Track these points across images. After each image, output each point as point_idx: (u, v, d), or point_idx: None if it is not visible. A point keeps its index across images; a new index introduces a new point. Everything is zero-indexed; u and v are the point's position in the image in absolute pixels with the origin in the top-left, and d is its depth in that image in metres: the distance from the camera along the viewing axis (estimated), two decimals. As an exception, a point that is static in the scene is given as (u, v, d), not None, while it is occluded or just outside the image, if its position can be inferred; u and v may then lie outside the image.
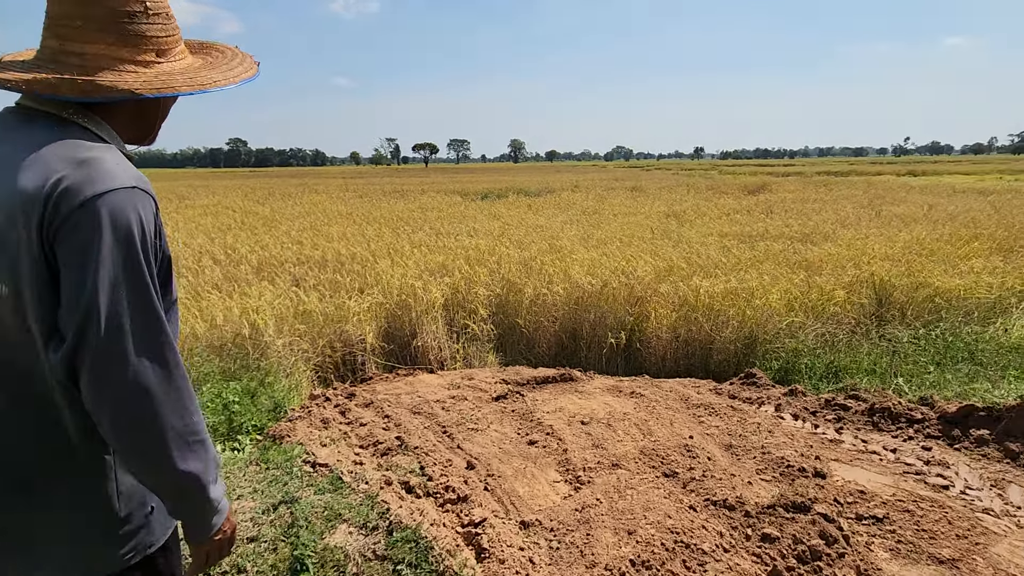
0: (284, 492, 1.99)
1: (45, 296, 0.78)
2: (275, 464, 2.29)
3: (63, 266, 0.77)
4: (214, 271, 7.37)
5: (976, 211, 12.16)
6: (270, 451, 2.55)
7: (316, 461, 2.36)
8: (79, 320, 0.76)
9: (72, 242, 0.76)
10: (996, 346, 4.90)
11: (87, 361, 0.77)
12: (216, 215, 13.01)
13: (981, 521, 2.43)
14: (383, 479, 2.34)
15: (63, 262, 0.77)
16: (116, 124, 0.89)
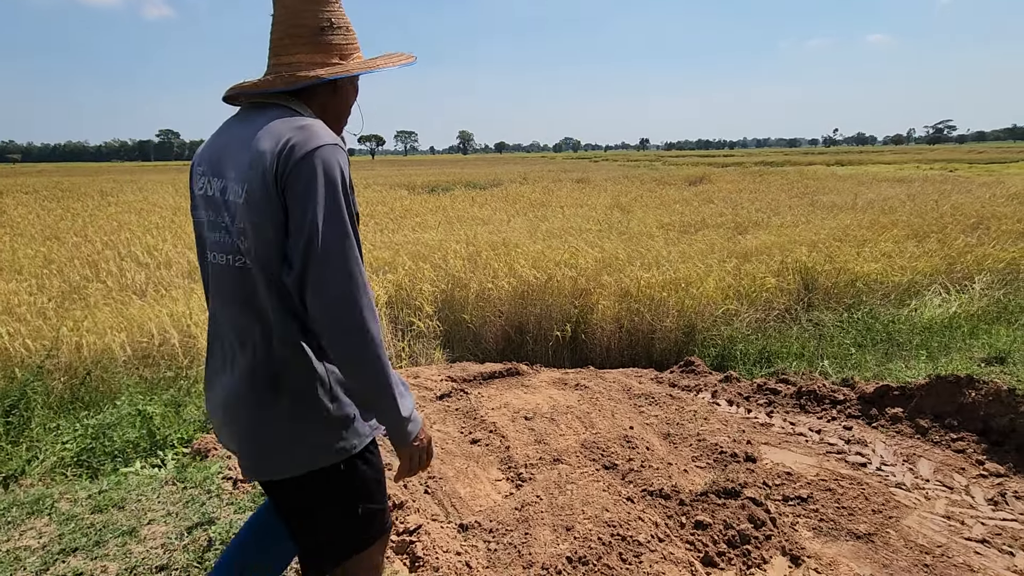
0: (201, 513, 1.87)
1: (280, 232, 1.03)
2: (193, 482, 2.15)
3: (290, 204, 1.01)
4: (137, 274, 6.92)
5: (894, 199, 13.00)
6: (189, 468, 2.40)
7: (238, 477, 2.24)
8: (304, 245, 1.00)
9: (296, 186, 1.00)
10: (910, 326, 5.26)
11: (308, 278, 1.00)
12: (141, 213, 12.23)
13: (894, 495, 2.58)
14: None
15: (290, 202, 1.01)
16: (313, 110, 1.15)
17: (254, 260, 1.05)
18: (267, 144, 1.03)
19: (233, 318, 1.11)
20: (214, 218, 1.10)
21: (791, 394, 3.81)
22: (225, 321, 1.13)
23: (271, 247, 1.04)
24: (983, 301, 5.77)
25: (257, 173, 1.02)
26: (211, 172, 1.12)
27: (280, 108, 1.11)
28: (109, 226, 10.36)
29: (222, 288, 1.12)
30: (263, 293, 1.06)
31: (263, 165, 1.02)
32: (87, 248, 8.29)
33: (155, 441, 3.20)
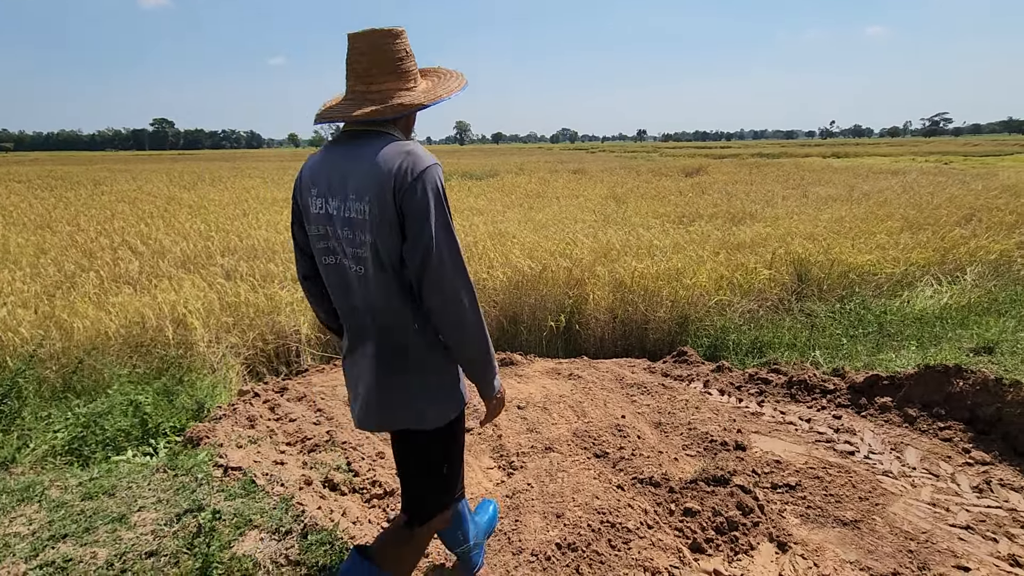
0: (191, 500, 1.87)
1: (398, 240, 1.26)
2: (184, 470, 2.15)
3: (407, 217, 1.24)
4: (131, 263, 6.88)
5: (889, 191, 13.02)
6: (180, 456, 2.40)
7: (229, 465, 2.24)
8: (421, 252, 1.24)
9: (411, 202, 1.23)
10: (901, 317, 5.29)
11: (426, 278, 1.26)
12: (135, 202, 12.14)
13: (881, 483, 2.61)
14: (303, 479, 2.25)
15: (407, 214, 1.24)
16: (399, 128, 1.37)
17: (373, 264, 1.30)
18: (384, 168, 1.25)
19: (357, 313, 1.38)
20: (333, 231, 1.33)
21: (782, 384, 3.83)
22: (351, 315, 1.39)
23: (390, 254, 1.28)
24: (975, 292, 5.80)
25: (379, 193, 1.24)
26: (328, 193, 1.32)
27: (383, 135, 1.33)
28: (102, 215, 10.28)
29: (345, 288, 1.37)
30: (380, 291, 1.31)
31: (384, 186, 1.24)
32: (81, 237, 8.24)
33: (147, 430, 3.20)
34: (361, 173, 1.26)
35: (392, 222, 1.25)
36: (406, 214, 1.24)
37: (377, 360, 1.36)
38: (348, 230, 1.30)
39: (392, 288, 1.31)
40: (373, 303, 1.33)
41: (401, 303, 1.33)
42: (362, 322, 1.37)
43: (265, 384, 4.69)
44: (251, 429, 3.28)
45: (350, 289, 1.36)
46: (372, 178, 1.24)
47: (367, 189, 1.25)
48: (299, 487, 2.18)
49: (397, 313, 1.33)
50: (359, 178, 1.26)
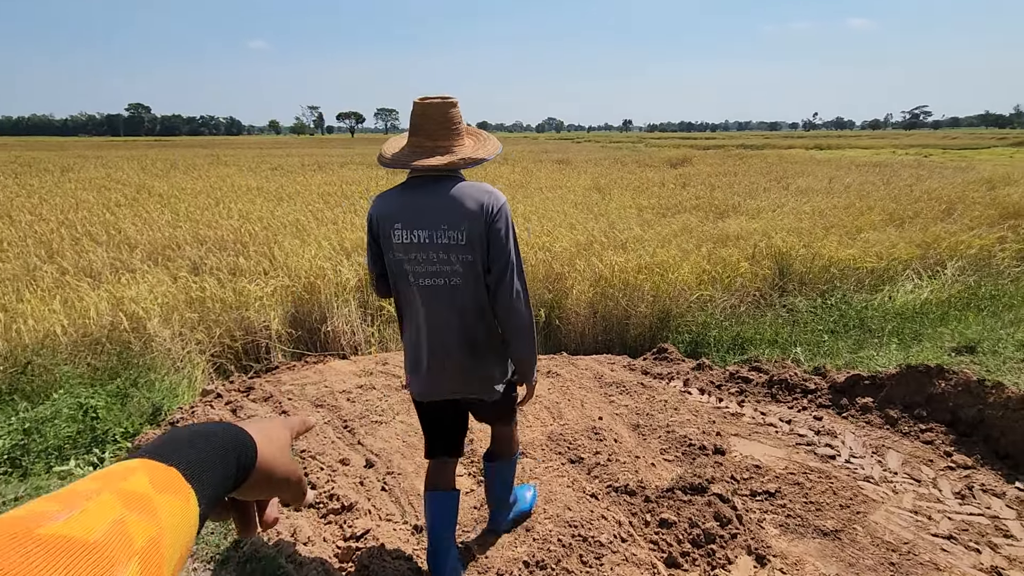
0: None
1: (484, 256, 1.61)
2: (118, 489, 1.98)
3: (492, 240, 1.60)
4: (96, 253, 6.59)
5: (869, 184, 13.07)
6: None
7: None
8: (501, 267, 1.61)
9: (495, 229, 1.59)
10: (883, 312, 5.25)
11: (501, 287, 1.62)
12: (102, 190, 11.70)
13: (862, 489, 2.53)
14: None
15: (492, 239, 1.60)
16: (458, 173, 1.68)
17: (462, 277, 1.63)
18: (473, 204, 1.58)
19: (444, 316, 1.67)
20: (423, 256, 1.61)
21: (763, 383, 3.75)
22: (432, 320, 1.68)
23: (477, 267, 1.62)
24: (955, 287, 5.79)
25: (473, 223, 1.57)
26: (411, 226, 1.60)
27: (452, 177, 1.64)
28: (66, 204, 9.87)
29: (433, 301, 1.67)
30: (467, 301, 1.66)
31: (476, 218, 1.57)
32: (41, 227, 7.88)
33: (96, 436, 3.01)
34: (450, 208, 1.59)
35: (482, 244, 1.61)
36: (491, 239, 1.61)
37: (463, 352, 1.71)
38: (441, 252, 1.61)
39: (479, 293, 1.67)
40: (463, 304, 1.67)
41: (483, 305, 1.70)
42: (443, 327, 1.69)
43: (231, 383, 4.49)
44: (208, 435, 3.10)
45: (429, 302, 1.67)
46: (463, 211, 1.58)
47: (462, 219, 1.58)
48: (245, 506, 2.03)
49: (479, 318, 1.70)
50: (449, 212, 1.59)
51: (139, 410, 3.48)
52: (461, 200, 1.58)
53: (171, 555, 0.35)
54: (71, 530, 0.30)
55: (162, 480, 0.39)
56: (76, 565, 0.29)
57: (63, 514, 0.31)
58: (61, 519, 0.31)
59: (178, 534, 0.37)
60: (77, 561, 0.29)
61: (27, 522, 0.30)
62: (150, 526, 0.34)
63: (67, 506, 0.32)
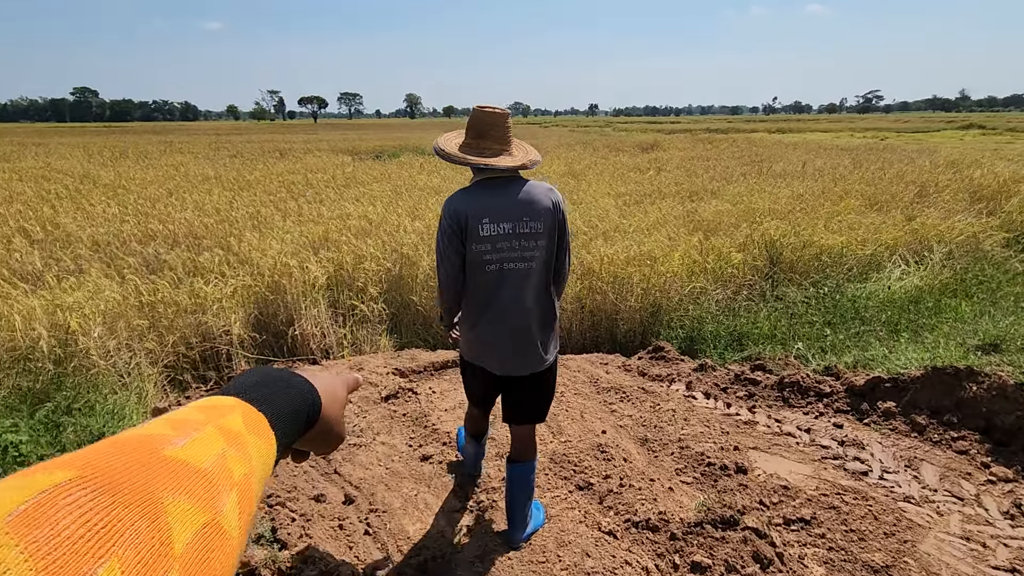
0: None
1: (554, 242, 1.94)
2: None
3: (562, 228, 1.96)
4: (29, 254, 5.91)
5: (841, 167, 13.12)
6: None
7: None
8: (566, 246, 2.00)
9: (563, 219, 1.95)
10: (877, 302, 5.10)
11: (566, 261, 2.02)
12: (40, 181, 10.74)
13: (905, 512, 2.29)
14: None
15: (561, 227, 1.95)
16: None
17: (538, 260, 1.91)
18: (547, 201, 1.90)
19: (520, 300, 1.92)
20: (507, 247, 1.87)
21: (772, 385, 3.51)
22: (511, 302, 1.92)
23: (549, 252, 1.94)
24: (944, 273, 5.70)
25: (549, 215, 1.90)
26: (496, 219, 1.85)
27: (519, 178, 1.93)
28: (0, 195, 8.98)
29: (513, 282, 1.90)
30: (537, 280, 1.93)
31: (551, 212, 1.91)
32: (-33, 223, 7.08)
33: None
34: (529, 204, 1.88)
35: (553, 232, 1.94)
36: (561, 228, 1.97)
37: (539, 327, 1.98)
38: (525, 242, 1.88)
39: (546, 274, 1.97)
40: (539, 288, 1.95)
41: (548, 287, 2.00)
42: (522, 307, 1.93)
43: (187, 398, 4.02)
44: (157, 471, 2.67)
45: (512, 286, 1.91)
46: (541, 207, 1.88)
47: (540, 213, 1.88)
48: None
49: (547, 294, 1.99)
50: (529, 207, 1.87)
51: (75, 440, 3.00)
52: (538, 198, 1.90)
53: (257, 491, 0.39)
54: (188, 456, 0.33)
55: (253, 423, 0.42)
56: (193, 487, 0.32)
57: (180, 440, 0.34)
58: (179, 444, 0.34)
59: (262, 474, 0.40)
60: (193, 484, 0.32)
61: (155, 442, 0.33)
62: (244, 463, 0.37)
63: (182, 433, 0.35)
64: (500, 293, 1.90)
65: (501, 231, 1.85)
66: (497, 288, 1.90)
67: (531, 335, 1.95)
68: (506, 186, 1.89)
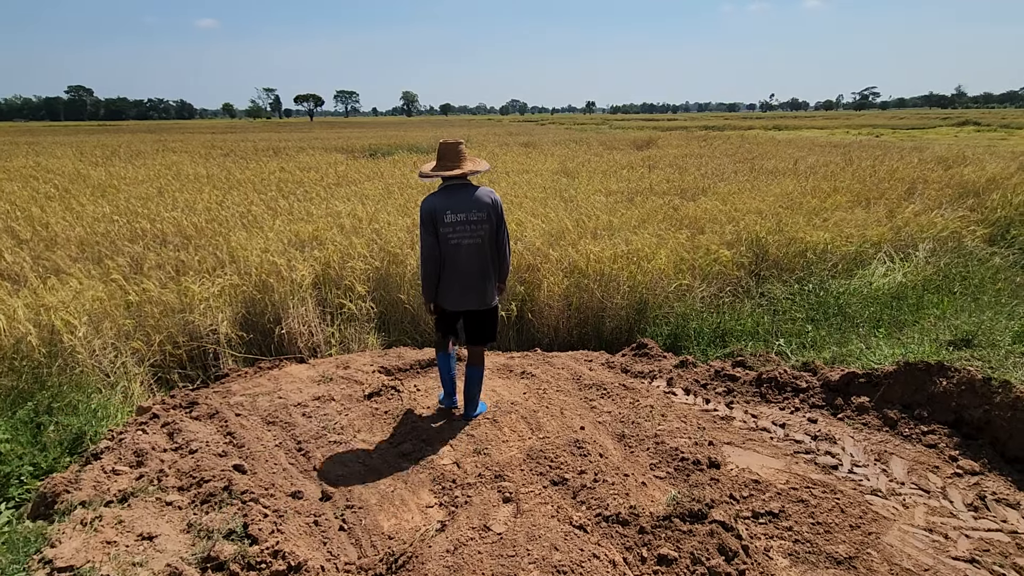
0: (-14, 631, 1.32)
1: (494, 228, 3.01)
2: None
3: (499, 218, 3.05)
4: (16, 254, 5.91)
5: (833, 164, 13.17)
6: (4, 538, 1.81)
7: (56, 564, 1.66)
8: (504, 232, 3.09)
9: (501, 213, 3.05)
10: (861, 298, 5.14)
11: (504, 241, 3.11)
12: (29, 180, 10.71)
13: (871, 505, 2.33)
14: (167, 571, 1.72)
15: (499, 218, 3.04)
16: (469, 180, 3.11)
17: (483, 238, 2.91)
18: (487, 199, 2.93)
19: (471, 263, 2.92)
20: (462, 229, 2.87)
21: (751, 380, 3.54)
22: (465, 264, 2.92)
23: (491, 235, 2.96)
24: (927, 269, 5.75)
25: (490, 209, 2.93)
26: (455, 211, 2.86)
27: (469, 184, 2.95)
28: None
29: (466, 251, 2.91)
30: (485, 252, 2.95)
31: (491, 205, 2.93)
32: (-46, 223, 7.06)
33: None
34: (475, 201, 2.91)
35: (493, 222, 2.95)
36: (499, 218, 2.99)
37: (480, 279, 2.99)
38: (473, 226, 2.89)
39: (490, 251, 3.01)
40: (483, 255, 2.97)
41: (491, 256, 3.02)
42: (472, 267, 2.96)
43: (172, 397, 4.03)
44: (135, 469, 2.68)
45: (466, 253, 2.93)
46: (483, 202, 2.92)
47: (483, 208, 2.91)
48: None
49: (489, 260, 3.01)
50: (475, 203, 2.91)
51: (56, 440, 3.02)
52: (482, 198, 2.94)
53: None
54: None
55: None
56: None
57: None
58: None
59: None
60: None
61: None
62: None
63: None
64: (457, 258, 2.94)
65: (459, 219, 2.89)
66: (455, 255, 2.93)
67: (475, 283, 2.99)
68: (462, 190, 2.94)
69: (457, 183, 2.93)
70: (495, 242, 3.04)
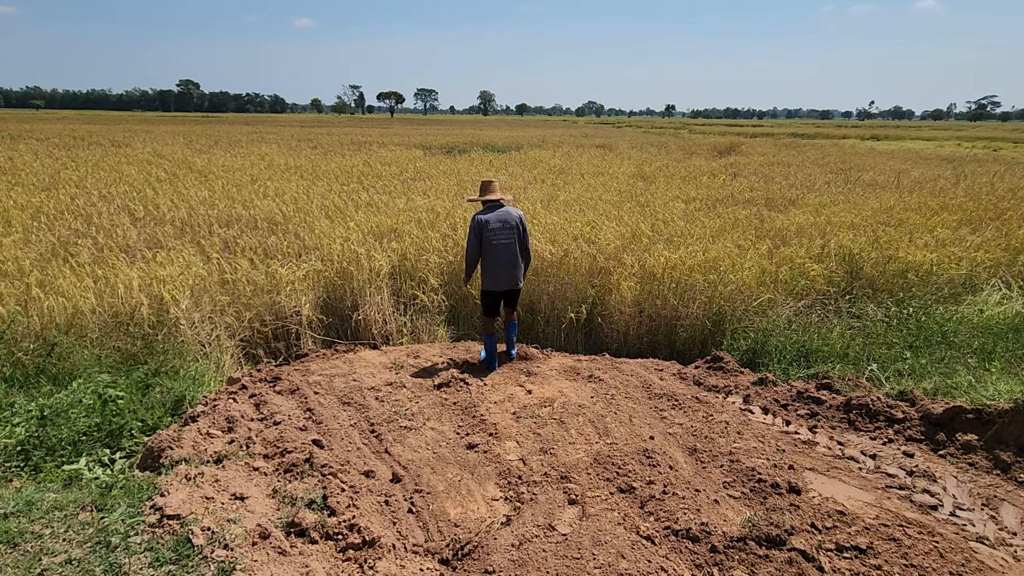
0: (106, 566, 1.47)
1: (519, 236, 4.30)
2: (112, 511, 1.75)
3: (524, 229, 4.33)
4: (129, 231, 6.54)
5: (942, 179, 12.07)
6: (119, 485, 2.00)
7: (165, 512, 1.82)
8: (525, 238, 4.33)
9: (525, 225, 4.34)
10: (970, 327, 4.68)
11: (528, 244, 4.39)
12: (143, 165, 11.81)
13: (976, 553, 2.11)
14: (258, 531, 1.84)
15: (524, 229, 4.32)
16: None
17: (514, 241, 4.21)
18: (516, 214, 4.22)
19: (508, 256, 4.18)
20: (501, 233, 4.15)
21: (838, 405, 3.31)
22: (504, 257, 4.17)
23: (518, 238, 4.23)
24: (1052, 301, 5.13)
25: (517, 221, 4.22)
26: (496, 220, 4.14)
27: (503, 205, 4.31)
28: (109, 177, 9.97)
29: (506, 250, 4.18)
30: (515, 249, 4.22)
31: (518, 219, 4.23)
32: (83, 200, 7.92)
33: (112, 431, 2.83)
34: (508, 215, 4.18)
35: (519, 230, 4.22)
36: (524, 229, 4.26)
37: (514, 267, 4.20)
38: (508, 231, 4.16)
39: (518, 248, 4.23)
40: (514, 251, 4.20)
41: (519, 252, 4.25)
42: (509, 259, 4.16)
43: (258, 371, 4.31)
44: (227, 434, 2.89)
45: (504, 249, 4.15)
46: (513, 215, 4.20)
47: (513, 219, 4.18)
48: (252, 542, 1.77)
49: (518, 255, 4.24)
50: (509, 216, 4.17)
51: (161, 401, 3.31)
52: (512, 213, 4.19)
53: None
54: None
55: None
56: None
57: None
58: None
59: None
60: None
61: None
62: None
63: None
64: (498, 252, 4.14)
65: (498, 227, 4.13)
66: (496, 251, 4.13)
67: (511, 271, 4.19)
68: (499, 208, 4.21)
69: (495, 204, 4.23)
70: (521, 243, 4.26)
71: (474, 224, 4.15)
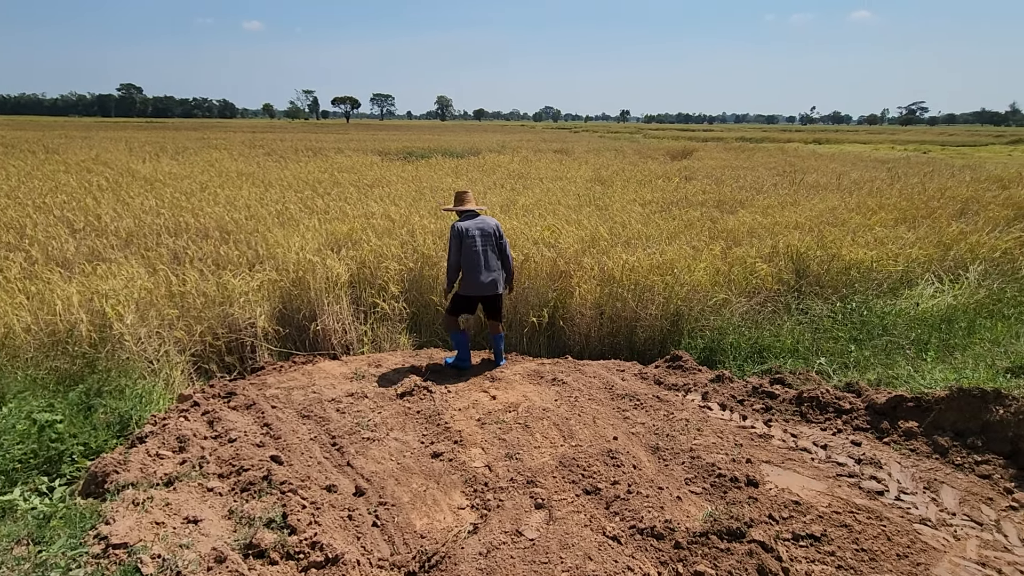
0: (45, 602, 1.38)
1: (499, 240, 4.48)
2: (51, 544, 1.64)
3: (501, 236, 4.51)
4: (67, 243, 6.18)
5: (879, 180, 12.77)
6: (58, 516, 1.88)
7: (111, 540, 1.72)
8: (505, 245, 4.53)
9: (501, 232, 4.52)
10: (907, 319, 4.95)
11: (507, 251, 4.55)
12: (82, 173, 11.20)
13: (920, 534, 2.23)
14: (213, 555, 1.76)
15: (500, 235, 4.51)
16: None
17: (491, 248, 4.38)
18: (493, 223, 4.41)
19: (487, 260, 4.33)
20: (480, 239, 4.30)
21: (790, 399, 3.44)
22: (483, 261, 4.30)
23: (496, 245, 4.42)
24: (980, 292, 5.51)
25: (494, 228, 4.41)
26: (475, 227, 4.30)
27: (479, 214, 4.47)
28: (45, 187, 9.41)
29: (485, 255, 4.32)
30: (495, 255, 4.41)
31: (494, 227, 4.41)
32: (14, 211, 7.44)
33: (50, 457, 2.66)
34: (485, 222, 4.36)
35: (495, 236, 4.40)
36: (501, 235, 4.45)
37: (493, 271, 4.35)
38: (486, 237, 4.32)
39: (496, 254, 4.40)
40: (493, 257, 4.36)
41: (498, 257, 4.42)
42: (488, 264, 4.32)
43: (211, 386, 4.14)
44: (178, 454, 2.76)
45: (483, 255, 4.30)
46: (490, 223, 4.38)
47: (490, 227, 4.37)
48: (207, 567, 1.69)
49: (496, 260, 4.40)
50: (486, 224, 4.36)
51: (105, 422, 3.13)
52: (489, 222, 4.37)
53: None
54: None
55: None
56: None
57: None
58: None
59: None
60: None
61: None
62: None
63: None
64: (477, 260, 4.26)
65: (477, 234, 4.28)
66: (476, 256, 4.26)
67: (490, 276, 4.31)
68: (476, 216, 4.38)
69: (471, 213, 4.43)
70: (501, 251, 4.44)
71: (454, 232, 4.28)
